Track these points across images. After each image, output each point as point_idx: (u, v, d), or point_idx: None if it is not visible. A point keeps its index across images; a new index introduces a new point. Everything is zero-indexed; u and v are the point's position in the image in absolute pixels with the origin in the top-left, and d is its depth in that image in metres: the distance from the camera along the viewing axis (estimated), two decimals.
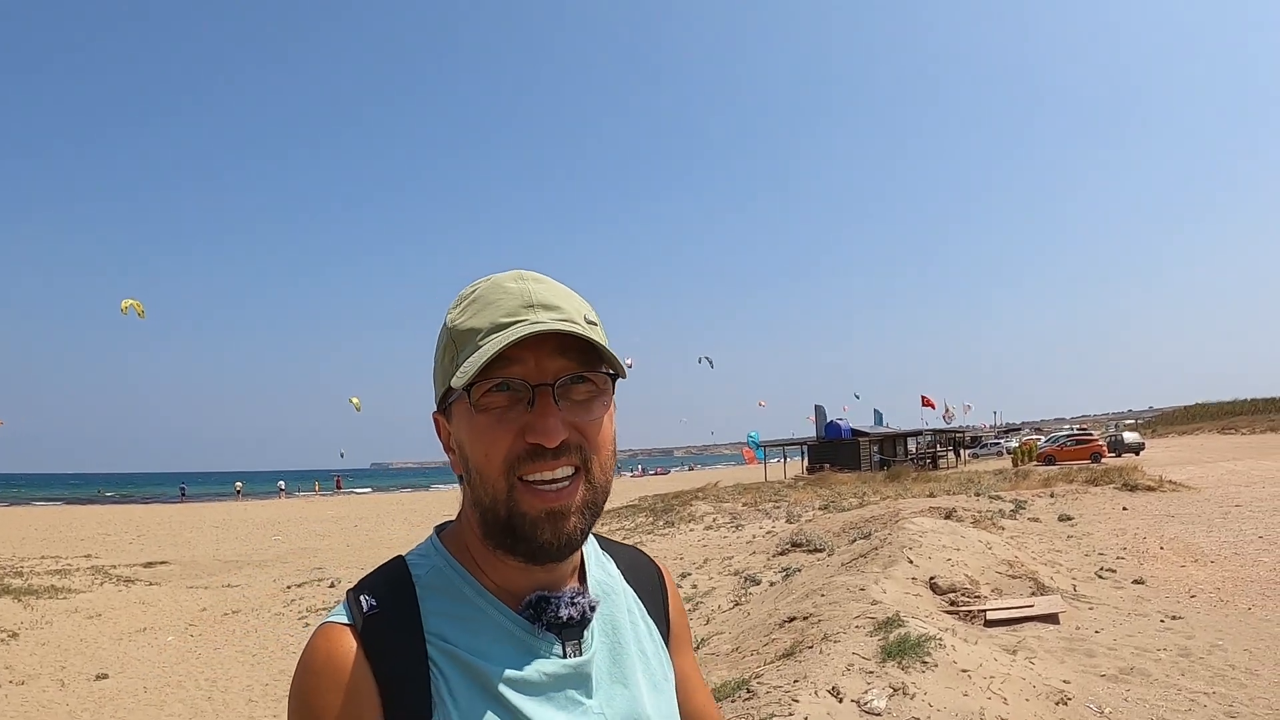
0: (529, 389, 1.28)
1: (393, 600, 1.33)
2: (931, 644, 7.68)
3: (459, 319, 1.36)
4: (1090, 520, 20.41)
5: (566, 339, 1.31)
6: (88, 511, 66.63)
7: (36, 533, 42.01)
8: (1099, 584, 13.35)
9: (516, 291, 1.34)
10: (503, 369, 1.27)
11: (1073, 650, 9.08)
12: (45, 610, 18.13)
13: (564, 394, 1.30)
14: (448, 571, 1.38)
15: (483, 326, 1.31)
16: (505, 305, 1.32)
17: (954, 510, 20.17)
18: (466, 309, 1.36)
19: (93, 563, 27.18)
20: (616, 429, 1.43)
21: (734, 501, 36.22)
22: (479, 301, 1.35)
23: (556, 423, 1.26)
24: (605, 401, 1.37)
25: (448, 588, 1.37)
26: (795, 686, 6.97)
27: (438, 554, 1.42)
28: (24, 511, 67.69)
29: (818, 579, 13.08)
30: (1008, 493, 26.86)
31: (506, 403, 1.29)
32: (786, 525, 25.45)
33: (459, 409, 1.34)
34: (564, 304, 1.36)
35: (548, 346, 1.30)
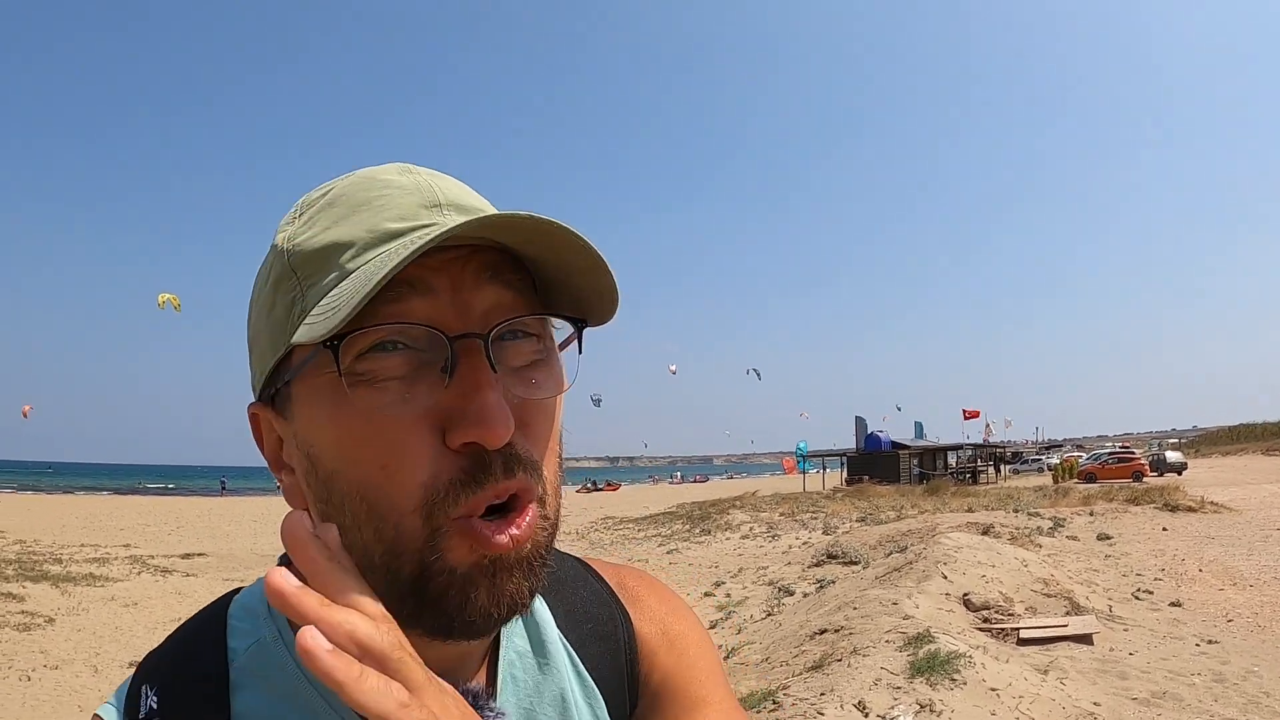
0: (445, 345, 0.78)
1: (186, 697, 0.87)
2: (961, 661, 7.65)
3: (304, 234, 0.85)
4: (1129, 540, 20.26)
5: (495, 253, 0.84)
6: (129, 502, 67.66)
7: (77, 521, 42.41)
8: (1135, 605, 13.23)
9: (410, 186, 0.85)
10: (395, 298, 0.78)
11: (1105, 672, 9.00)
12: (82, 597, 18.28)
13: (499, 354, 0.81)
14: (276, 651, 0.89)
15: (354, 239, 0.81)
16: (393, 205, 0.83)
17: (991, 526, 20.07)
18: (317, 218, 0.86)
19: (131, 552, 27.39)
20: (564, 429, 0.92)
21: (771, 511, 36.25)
22: (340, 205, 0.85)
23: (500, 401, 0.77)
24: (558, 373, 0.88)
25: (276, 679, 0.88)
26: (821, 699, 6.98)
27: (270, 618, 0.92)
28: (66, 500, 68.89)
29: (851, 592, 13.04)
30: (1047, 510, 26.73)
31: (405, 368, 0.78)
32: (823, 536, 25.38)
33: (311, 391, 0.81)
34: (485, 206, 0.90)
35: (471, 265, 0.82)
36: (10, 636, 14.38)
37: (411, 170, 0.88)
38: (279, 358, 0.83)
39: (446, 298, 0.79)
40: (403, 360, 0.78)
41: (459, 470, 0.77)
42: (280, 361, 0.84)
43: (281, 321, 0.83)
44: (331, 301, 0.76)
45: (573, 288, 0.86)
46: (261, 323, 0.87)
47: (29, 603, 17.13)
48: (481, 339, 0.79)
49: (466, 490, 0.77)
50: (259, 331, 0.88)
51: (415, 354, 0.78)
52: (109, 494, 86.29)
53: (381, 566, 0.78)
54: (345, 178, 0.89)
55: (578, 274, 0.84)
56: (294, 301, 0.82)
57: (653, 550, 27.55)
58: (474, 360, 0.78)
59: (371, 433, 0.77)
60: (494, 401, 0.76)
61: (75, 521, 41.87)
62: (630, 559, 25.52)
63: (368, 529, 0.78)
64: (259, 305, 0.88)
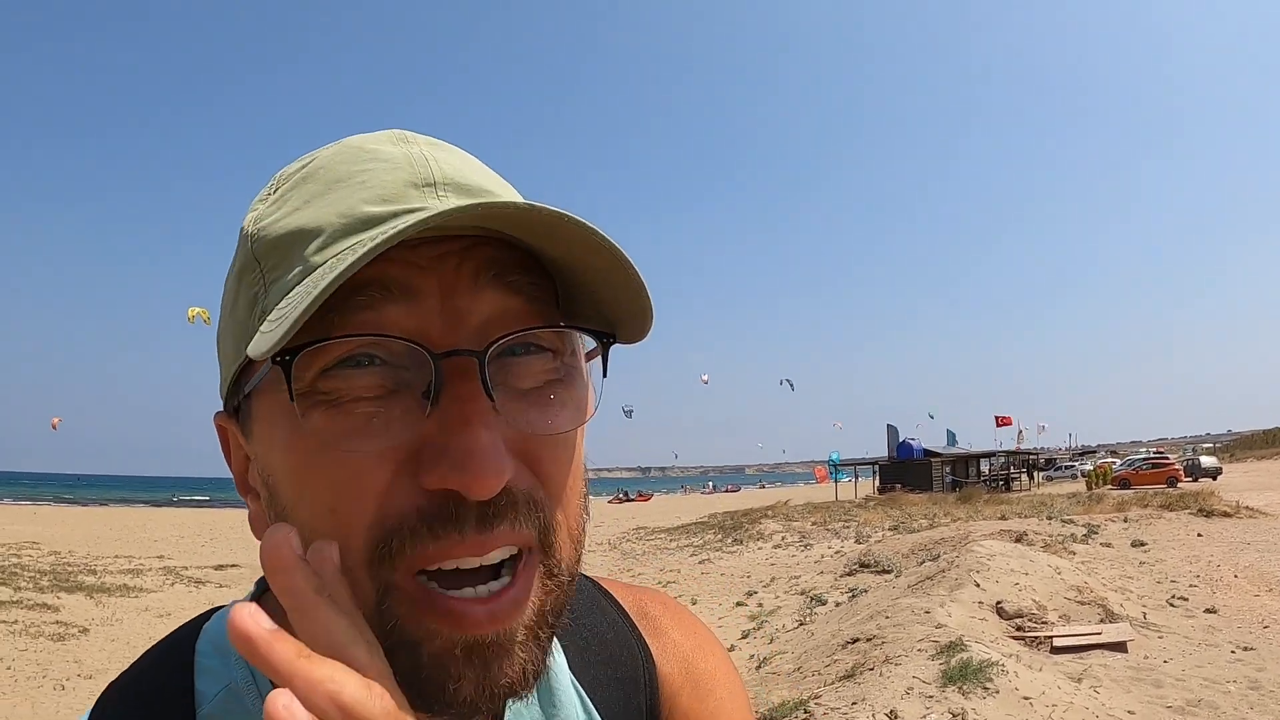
0: (429, 361, 0.62)
1: None
2: (994, 670, 7.63)
3: (271, 215, 0.71)
4: (1164, 546, 20.11)
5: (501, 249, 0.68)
6: (163, 514, 68.15)
7: (111, 532, 42.67)
8: (1170, 612, 13.14)
9: (399, 160, 0.69)
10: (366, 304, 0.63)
11: (1139, 680, 8.95)
12: (116, 608, 18.45)
13: (504, 374, 0.67)
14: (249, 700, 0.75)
15: (324, 224, 0.66)
16: (375, 182, 0.67)
17: (1025, 534, 19.98)
18: (289, 196, 0.71)
19: (165, 564, 27.64)
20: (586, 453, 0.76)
21: (803, 520, 36.18)
22: (316, 180, 0.70)
23: (494, 441, 0.62)
24: (580, 397, 0.72)
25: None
26: (853, 709, 6.99)
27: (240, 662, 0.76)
28: (100, 512, 69.46)
29: (883, 600, 13.02)
30: (1080, 517, 26.56)
31: (378, 389, 0.64)
32: (855, 545, 25.37)
33: (268, 408, 0.67)
34: (494, 186, 0.73)
35: (468, 264, 0.66)
36: (45, 646, 14.55)
37: (407, 139, 0.72)
38: (239, 366, 0.70)
39: (434, 304, 0.64)
40: (376, 379, 0.63)
41: (415, 513, 0.62)
42: (241, 370, 0.71)
43: (244, 321, 0.69)
44: (286, 304, 0.62)
45: (598, 296, 0.70)
46: (226, 320, 0.74)
47: (63, 613, 17.32)
48: (477, 357, 0.63)
49: (419, 538, 0.62)
50: (224, 330, 0.75)
51: (393, 371, 0.64)
52: (144, 506, 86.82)
53: None
54: (330, 146, 0.74)
55: (600, 279, 0.68)
56: (255, 299, 0.68)
57: (685, 560, 27.55)
58: (464, 387, 0.62)
59: (325, 466, 0.63)
60: (485, 442, 0.61)
61: (109, 533, 42.11)
62: (662, 569, 25.55)
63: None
64: (225, 298, 0.75)
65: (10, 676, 12.64)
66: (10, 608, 17.29)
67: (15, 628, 15.59)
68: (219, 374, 0.76)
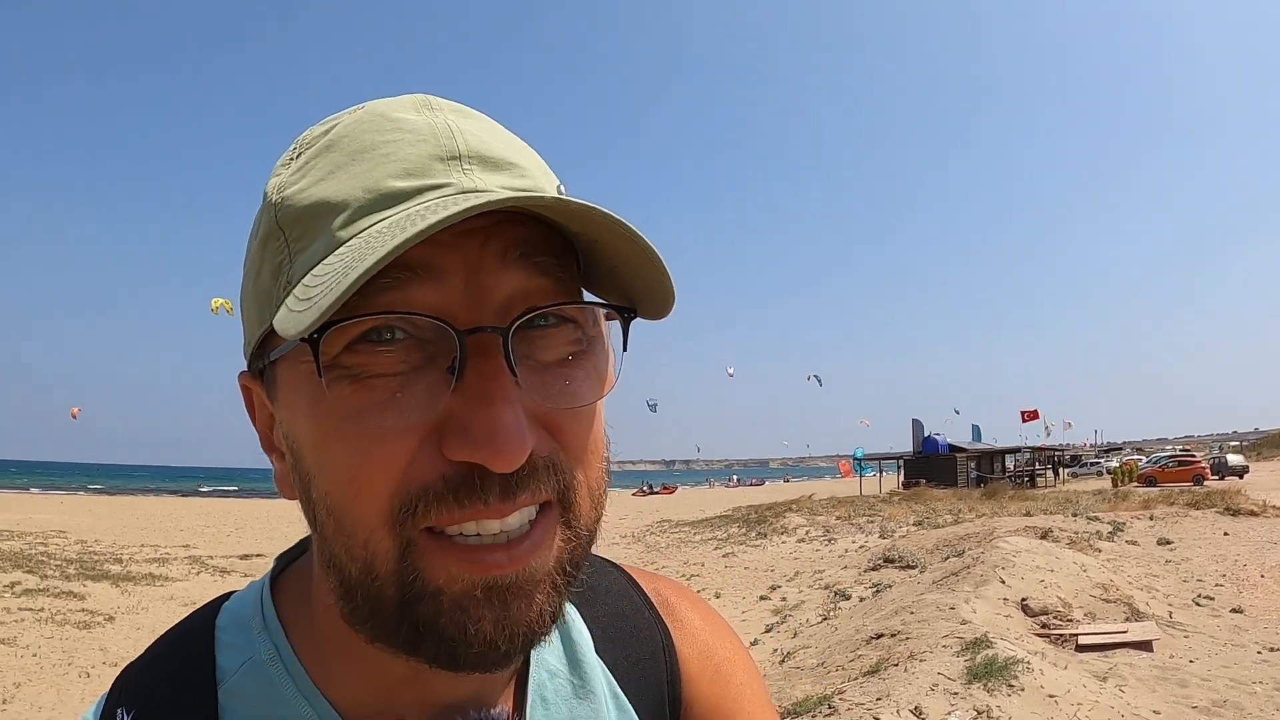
0: (454, 337, 0.63)
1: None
2: (1019, 667, 7.63)
3: (295, 184, 0.70)
4: (1190, 545, 20.00)
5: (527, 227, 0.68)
6: (188, 503, 68.72)
7: (137, 522, 43.03)
8: (1196, 611, 13.10)
9: (424, 130, 0.69)
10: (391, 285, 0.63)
11: (1165, 679, 8.93)
12: (141, 596, 18.58)
13: (528, 348, 0.68)
14: (274, 673, 0.77)
15: (349, 197, 0.66)
16: (400, 154, 0.67)
17: (1050, 530, 19.88)
18: (312, 165, 0.71)
19: (190, 553, 27.84)
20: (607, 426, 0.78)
21: (827, 515, 36.03)
22: (339, 149, 0.70)
23: (517, 417, 0.63)
24: (601, 370, 0.73)
25: (271, 704, 0.76)
26: (877, 704, 6.97)
27: (265, 631, 0.80)
28: (126, 501, 70.08)
29: (907, 596, 13.00)
30: (1106, 514, 26.41)
31: (402, 366, 0.64)
32: (879, 540, 25.29)
33: (291, 375, 0.69)
34: (521, 158, 0.73)
35: (494, 244, 0.66)
36: (71, 634, 14.68)
37: (431, 106, 0.72)
38: (264, 332, 0.71)
39: (459, 281, 0.65)
40: (401, 353, 0.64)
41: (439, 480, 0.64)
42: (265, 337, 0.71)
43: (268, 289, 0.69)
44: (315, 283, 0.62)
45: (620, 272, 0.72)
46: (249, 284, 0.74)
47: (89, 601, 17.48)
48: (500, 334, 0.64)
49: (444, 504, 0.63)
50: (247, 294, 0.75)
51: (418, 346, 0.64)
52: (171, 496, 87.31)
53: (359, 587, 0.66)
54: (352, 112, 0.73)
55: (623, 259, 0.70)
56: (280, 268, 0.68)
57: (709, 554, 27.53)
58: (488, 363, 0.63)
59: (348, 437, 0.64)
60: (508, 419, 0.62)
61: (135, 522, 42.49)
62: (686, 562, 25.55)
63: (339, 544, 0.66)
64: (248, 262, 0.75)
65: (37, 664, 12.77)
66: (37, 596, 17.45)
67: (42, 615, 15.74)
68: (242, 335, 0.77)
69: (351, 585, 0.66)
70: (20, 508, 50.06)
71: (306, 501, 0.69)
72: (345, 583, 0.67)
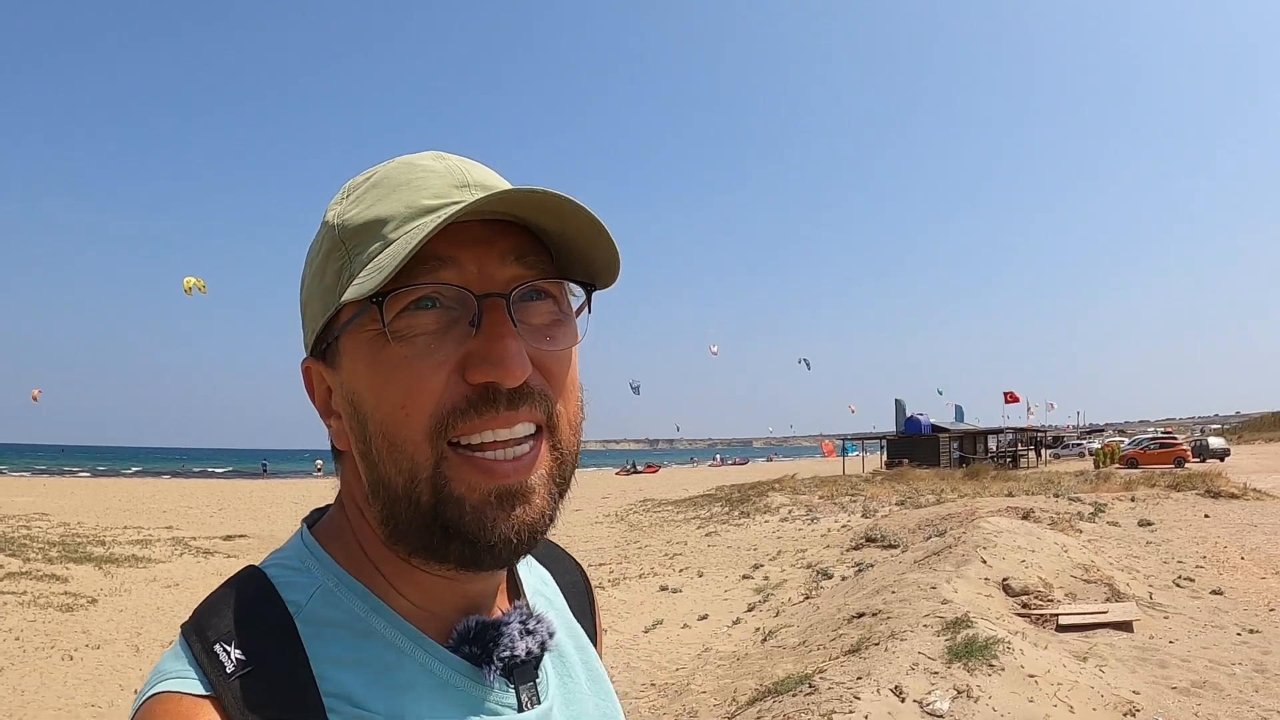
0: (473, 302, 0.88)
1: (268, 649, 0.86)
2: (999, 647, 7.64)
3: (351, 211, 0.94)
4: (1170, 526, 20.13)
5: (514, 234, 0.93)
6: (171, 484, 68.86)
7: (120, 503, 43.06)
8: (1176, 592, 13.18)
9: (442, 170, 0.94)
10: (427, 271, 0.87)
11: (1145, 660, 8.98)
12: (125, 578, 18.62)
13: (521, 313, 0.91)
14: (342, 595, 0.93)
15: (394, 214, 0.90)
16: (428, 186, 0.92)
17: (1032, 511, 20.02)
18: (362, 198, 0.95)
19: (173, 534, 27.83)
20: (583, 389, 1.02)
21: (810, 494, 36.09)
22: (382, 186, 0.94)
23: (519, 348, 0.87)
24: (572, 329, 0.98)
25: (346, 620, 0.91)
26: (858, 684, 6.98)
27: (321, 567, 0.96)
28: (109, 483, 69.91)
29: (889, 575, 13.05)
30: (1087, 495, 26.57)
31: (436, 325, 0.88)
32: (862, 520, 25.44)
33: (354, 344, 0.90)
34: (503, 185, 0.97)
35: (496, 248, 0.91)
36: (53, 617, 14.74)
37: (444, 157, 0.97)
38: (329, 317, 0.93)
39: (474, 269, 0.89)
40: (435, 317, 0.88)
41: (464, 399, 0.87)
42: (329, 320, 0.93)
43: (331, 287, 0.92)
44: (376, 264, 0.86)
45: (584, 258, 0.96)
46: (314, 288, 0.96)
47: (72, 584, 17.57)
48: (504, 298, 0.88)
49: (468, 416, 0.86)
50: (311, 296, 0.97)
51: (447, 312, 0.88)
52: (154, 477, 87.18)
53: (404, 497, 0.87)
54: (386, 164, 0.98)
55: (587, 243, 0.94)
56: (342, 269, 0.91)
57: (691, 532, 27.63)
58: (498, 315, 0.88)
59: (397, 378, 0.87)
60: (514, 348, 0.86)
61: (118, 504, 42.51)
62: (669, 541, 25.66)
63: (390, 463, 0.87)
64: (311, 273, 0.98)
65: (19, 647, 12.83)
66: (19, 579, 17.52)
67: (24, 598, 15.81)
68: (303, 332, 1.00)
69: (396, 497, 0.88)
70: (2, 490, 50.06)
71: (362, 438, 0.90)
72: (391, 496, 0.89)
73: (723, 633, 13.44)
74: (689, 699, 9.43)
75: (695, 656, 11.99)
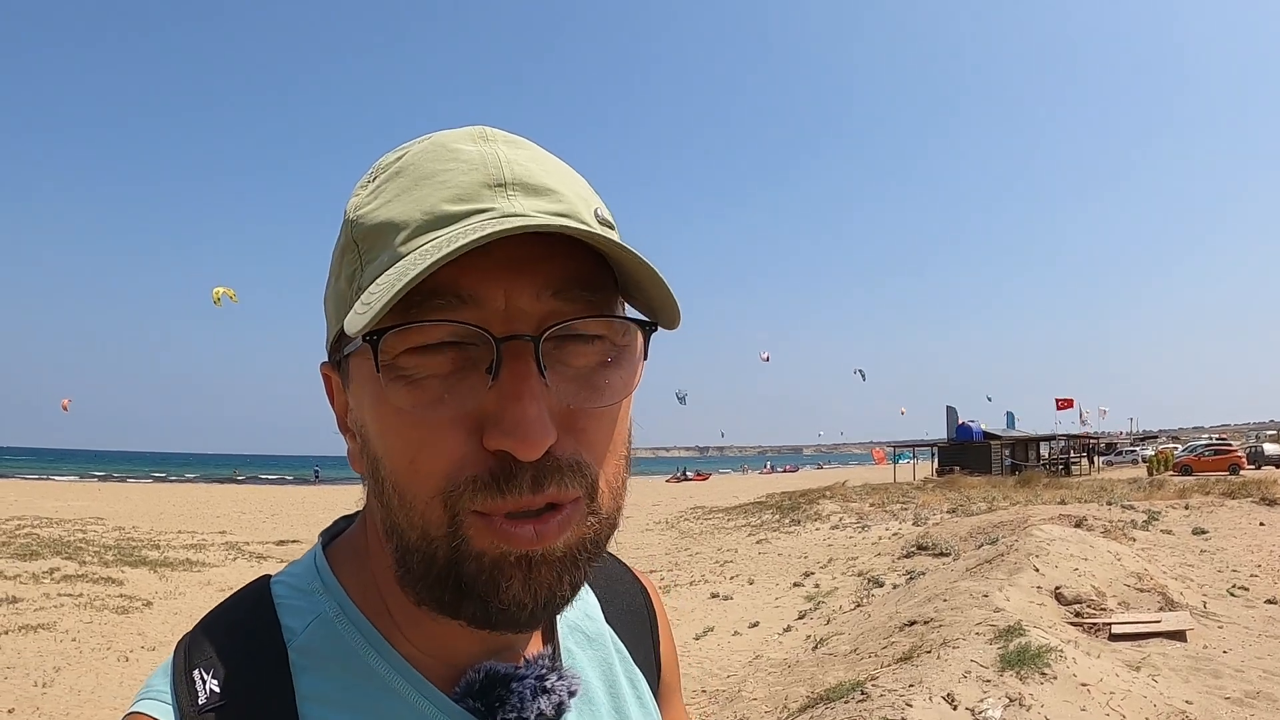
0: (492, 345, 0.73)
1: (248, 679, 0.82)
2: (1052, 655, 7.64)
3: (368, 205, 0.82)
4: (1225, 535, 19.85)
5: (562, 253, 0.77)
6: (224, 490, 69.50)
7: (174, 509, 43.50)
8: (1230, 602, 13.04)
9: (476, 160, 0.79)
10: (443, 307, 0.74)
11: (1198, 670, 8.92)
12: (179, 582, 18.90)
13: (556, 356, 0.77)
14: (341, 627, 0.87)
15: (409, 219, 0.77)
16: (454, 181, 0.78)
17: (1084, 519, 19.80)
18: (382, 189, 0.82)
19: (227, 539, 28.23)
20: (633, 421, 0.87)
21: (861, 502, 35.97)
22: (405, 175, 0.81)
23: (540, 412, 0.73)
24: (627, 375, 0.81)
25: (341, 656, 0.85)
26: (910, 691, 7.02)
27: (326, 592, 0.90)
28: (163, 488, 70.89)
29: (941, 583, 13.01)
30: (1141, 502, 26.19)
31: (449, 367, 0.75)
32: (913, 528, 25.28)
33: (360, 373, 0.80)
34: (560, 185, 0.81)
35: (532, 277, 0.76)
36: (109, 619, 15.00)
37: (486, 137, 0.82)
38: (339, 330, 0.82)
39: (500, 305, 0.75)
40: (448, 358, 0.74)
41: (484, 470, 0.74)
42: (340, 334, 0.82)
43: (344, 293, 0.81)
44: (375, 290, 0.73)
45: (643, 287, 0.80)
46: (331, 287, 0.86)
47: (127, 586, 17.87)
48: (532, 340, 0.74)
49: (487, 493, 0.73)
50: (330, 295, 0.86)
51: (462, 352, 0.75)
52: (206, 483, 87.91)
53: (418, 550, 0.77)
54: (420, 142, 0.84)
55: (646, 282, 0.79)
56: (354, 275, 0.80)
57: (742, 540, 27.62)
58: (520, 365, 0.73)
59: (405, 428, 0.75)
60: (533, 414, 0.72)
61: (172, 509, 42.96)
62: (720, 548, 25.67)
63: (400, 514, 0.77)
64: (331, 269, 0.87)
65: (76, 648, 13.04)
66: (76, 581, 17.84)
67: (80, 601, 16.09)
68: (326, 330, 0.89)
69: (409, 549, 0.77)
70: (58, 495, 50.66)
71: (375, 477, 0.80)
72: (404, 546, 0.78)
73: (774, 640, 13.49)
74: (740, 706, 9.48)
75: (746, 663, 12.05)
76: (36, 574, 18.50)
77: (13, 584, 17.32)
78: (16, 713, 9.99)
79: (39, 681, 11.16)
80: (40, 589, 17.01)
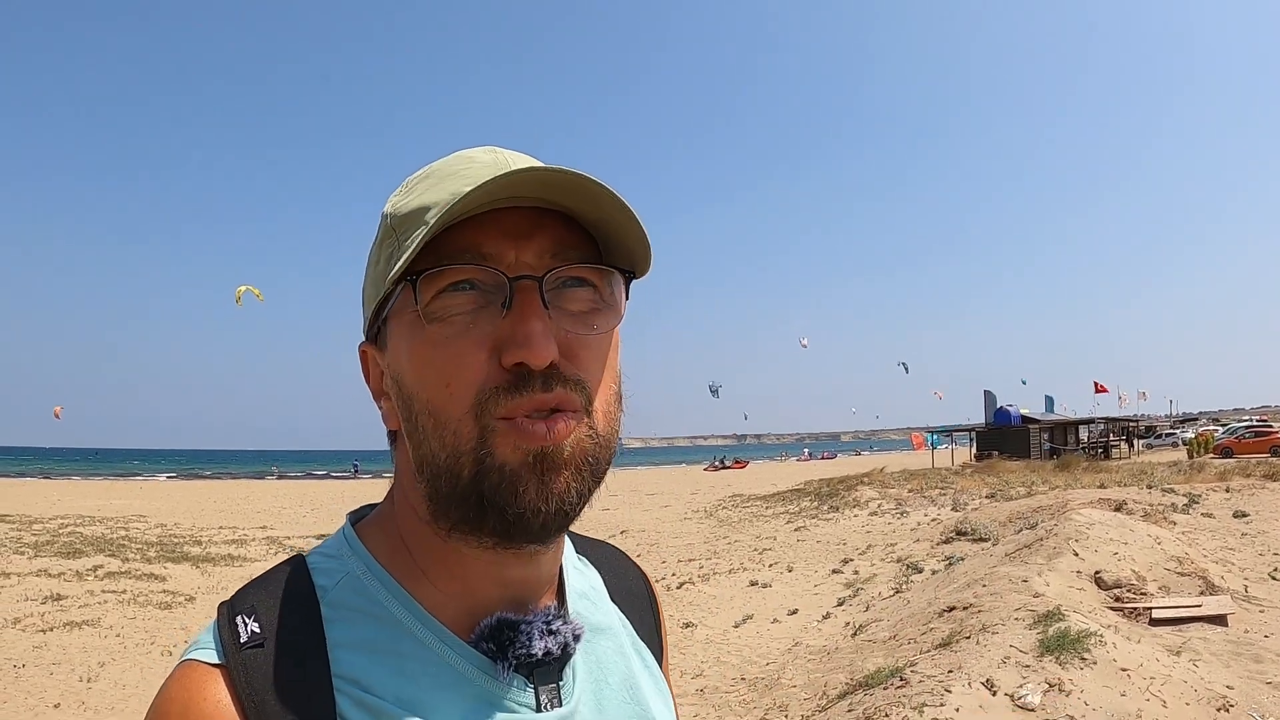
0: (505, 282, 0.90)
1: (285, 625, 0.93)
2: (1092, 640, 7.64)
3: (401, 201, 0.99)
4: (1266, 518, 19.67)
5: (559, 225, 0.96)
6: (264, 486, 70.61)
7: (215, 505, 44.22)
8: (1272, 586, 12.94)
9: (490, 162, 0.96)
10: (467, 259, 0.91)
11: (1239, 654, 8.90)
12: (221, 577, 19.22)
13: (555, 299, 0.93)
14: (367, 582, 0.98)
15: (437, 201, 0.92)
16: (473, 175, 0.93)
17: (1124, 502, 19.69)
18: (414, 188, 0.99)
19: (268, 534, 28.68)
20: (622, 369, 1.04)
21: (899, 488, 35.73)
22: (433, 177, 0.98)
23: (545, 329, 0.89)
24: (613, 317, 0.99)
25: (367, 607, 0.96)
26: (949, 677, 7.05)
27: (354, 556, 1.02)
28: (203, 485, 72.10)
29: (980, 569, 13.02)
30: (1181, 486, 25.98)
31: (472, 305, 0.91)
32: (952, 513, 25.16)
33: (399, 325, 0.95)
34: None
35: (535, 242, 0.94)
36: (153, 614, 15.31)
37: (497, 151, 1.00)
38: (379, 300, 0.97)
39: (510, 253, 0.92)
40: (469, 299, 0.90)
41: (504, 381, 0.88)
42: (380, 304, 0.97)
43: (383, 272, 0.95)
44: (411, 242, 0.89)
45: (624, 246, 0.97)
46: (369, 274, 1.02)
47: (170, 582, 18.27)
48: (537, 280, 0.90)
49: (509, 396, 0.87)
50: (368, 282, 1.03)
51: (481, 293, 0.91)
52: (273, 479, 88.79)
53: (446, 470, 0.90)
54: (442, 159, 1.02)
55: (622, 231, 0.95)
56: (392, 255, 0.94)
57: (781, 527, 27.59)
58: (528, 296, 0.90)
59: (438, 358, 0.90)
60: (539, 330, 0.88)
61: (213, 505, 43.66)
62: (759, 536, 25.67)
63: (434, 439, 0.90)
64: (370, 261, 1.03)
65: (120, 644, 13.34)
66: (119, 578, 18.23)
67: (124, 597, 16.44)
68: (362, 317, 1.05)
69: (439, 472, 0.91)
70: (100, 494, 51.53)
71: (408, 417, 0.94)
72: (434, 473, 0.92)
73: (812, 627, 13.50)
74: (779, 693, 9.54)
75: (785, 650, 12.10)
76: (80, 571, 18.88)
77: (57, 581, 17.67)
78: (63, 707, 10.21)
79: (84, 676, 11.40)
80: (84, 586, 17.36)
